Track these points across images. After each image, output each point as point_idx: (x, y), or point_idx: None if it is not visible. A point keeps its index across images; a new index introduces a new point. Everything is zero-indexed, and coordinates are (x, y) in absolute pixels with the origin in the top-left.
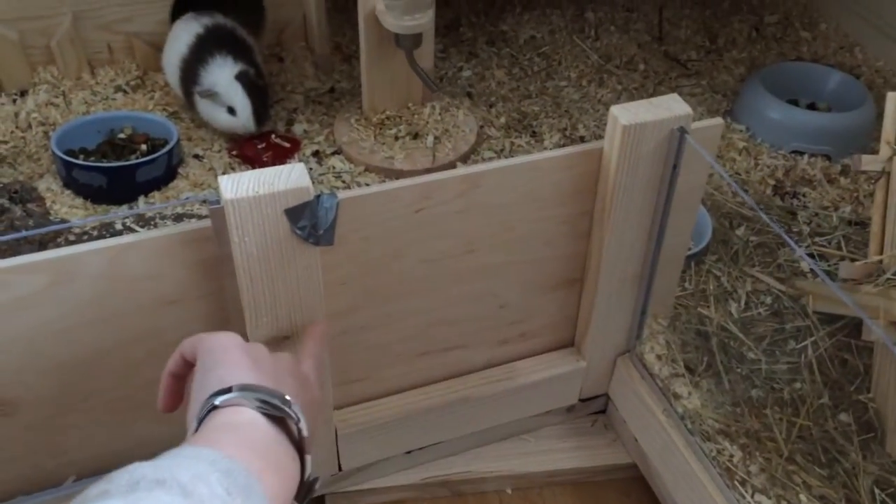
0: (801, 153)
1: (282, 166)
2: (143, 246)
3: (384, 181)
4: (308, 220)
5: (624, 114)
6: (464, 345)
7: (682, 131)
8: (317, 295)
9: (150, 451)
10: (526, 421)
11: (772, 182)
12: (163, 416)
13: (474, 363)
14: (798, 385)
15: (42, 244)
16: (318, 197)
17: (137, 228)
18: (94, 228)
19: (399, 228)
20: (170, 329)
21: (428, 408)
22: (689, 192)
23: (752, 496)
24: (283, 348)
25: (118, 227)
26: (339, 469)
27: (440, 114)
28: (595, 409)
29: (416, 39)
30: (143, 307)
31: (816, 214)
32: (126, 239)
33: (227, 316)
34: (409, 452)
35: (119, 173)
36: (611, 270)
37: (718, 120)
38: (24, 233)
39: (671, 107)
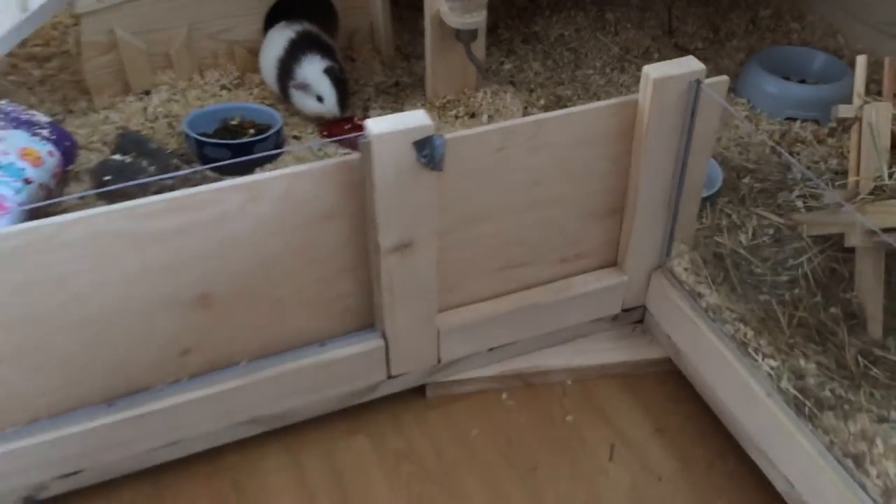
0: (794, 119)
1: (409, 111)
2: (313, 173)
3: None
4: (428, 150)
5: (654, 70)
6: (532, 262)
7: (698, 83)
8: (431, 211)
9: (299, 342)
10: (580, 327)
11: (770, 143)
12: (312, 313)
13: (540, 277)
14: (796, 291)
15: None
16: (433, 135)
17: None
18: None
19: (486, 164)
20: (324, 240)
21: (506, 312)
22: (704, 136)
23: (763, 360)
24: (405, 255)
25: None
26: (438, 361)
27: (491, 97)
28: (635, 318)
29: (473, 34)
30: (308, 222)
31: (808, 167)
32: (301, 168)
33: (365, 229)
34: (490, 350)
35: (241, 149)
36: (645, 199)
37: (724, 77)
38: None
39: (689, 64)
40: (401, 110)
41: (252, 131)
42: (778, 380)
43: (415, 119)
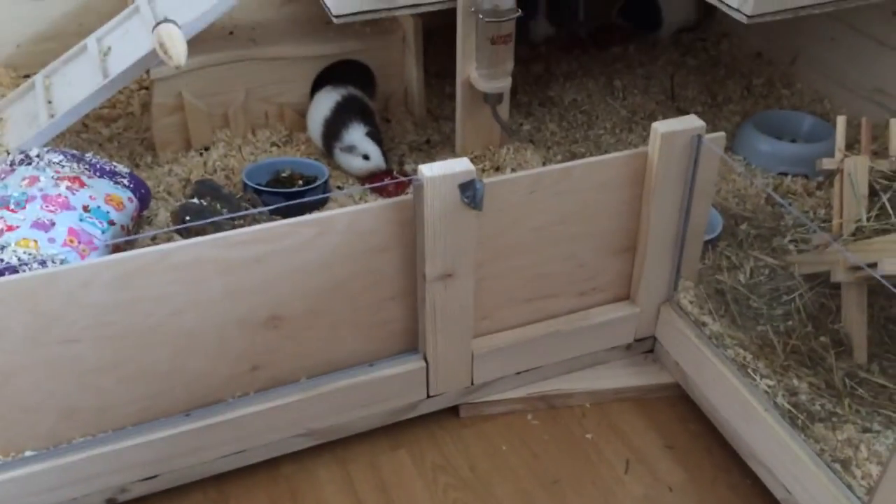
0: (786, 174)
1: (453, 160)
2: (372, 210)
3: None
4: (471, 192)
5: (661, 126)
6: (555, 294)
7: (699, 137)
8: (472, 245)
9: (351, 361)
10: (597, 355)
11: (764, 195)
12: (364, 335)
13: (562, 308)
14: (790, 322)
15: None
16: (475, 179)
17: None
18: None
19: (518, 204)
20: (379, 270)
21: (532, 339)
22: (704, 184)
23: (761, 380)
24: (448, 284)
25: None
26: (472, 383)
27: (514, 153)
28: (646, 348)
29: (499, 98)
30: (366, 253)
31: (798, 217)
32: (362, 206)
33: (414, 260)
34: (518, 373)
35: (293, 196)
36: (654, 239)
37: (722, 133)
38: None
39: (691, 122)
40: None
41: (301, 182)
42: (774, 396)
43: (460, 165)
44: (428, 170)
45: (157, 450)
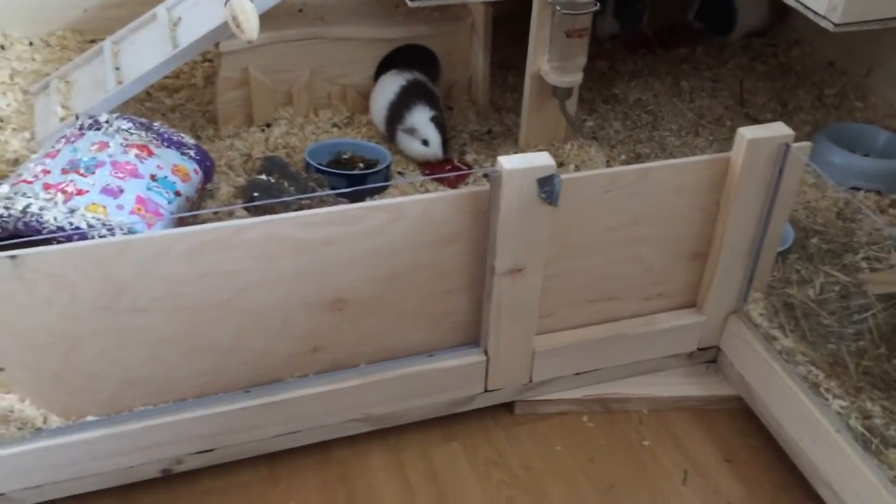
0: (858, 189)
1: (532, 153)
2: (445, 199)
3: None
4: (549, 187)
5: (748, 132)
6: (620, 297)
7: (787, 146)
8: (543, 241)
9: (411, 350)
10: (658, 361)
11: (835, 209)
12: (426, 325)
13: (625, 312)
14: (861, 343)
15: None
16: (554, 174)
17: None
18: None
19: (592, 202)
20: (448, 260)
21: (592, 340)
22: (787, 194)
23: (833, 400)
24: (515, 279)
25: None
26: (530, 380)
27: (577, 150)
28: (708, 358)
29: (569, 92)
30: (436, 242)
31: (870, 233)
32: (435, 194)
33: (483, 254)
34: (576, 374)
35: (355, 179)
36: (729, 247)
37: (808, 143)
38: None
39: (779, 129)
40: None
41: (361, 165)
42: (847, 418)
43: (539, 159)
44: (507, 162)
45: (214, 424)
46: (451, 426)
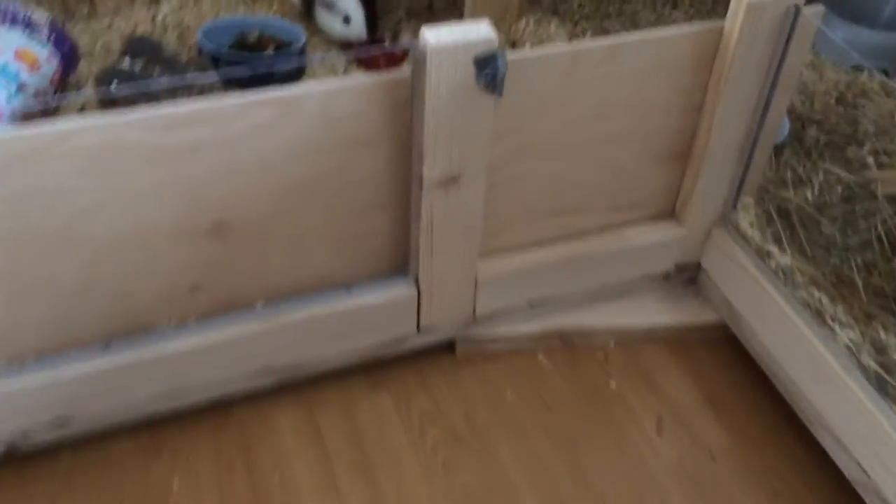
0: (861, 68)
1: (471, 23)
2: (353, 88)
3: None
4: (491, 70)
5: None
6: (583, 208)
7: (797, 9)
8: (485, 141)
9: (322, 284)
10: (628, 284)
11: (835, 93)
12: (339, 252)
13: (589, 226)
14: (869, 255)
15: None
16: (497, 52)
17: None
18: None
19: (549, 91)
20: (359, 168)
21: (550, 262)
22: (791, 72)
23: (841, 331)
24: (451, 190)
25: None
26: (474, 314)
27: (534, 27)
28: (687, 277)
29: None
30: (342, 145)
31: (877, 122)
32: (339, 82)
33: (407, 158)
34: (531, 306)
35: (258, 65)
36: (718, 142)
37: (820, 6)
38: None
39: None
40: None
41: (272, 47)
42: (858, 353)
43: (477, 32)
44: (433, 36)
45: (67, 389)
46: (377, 374)
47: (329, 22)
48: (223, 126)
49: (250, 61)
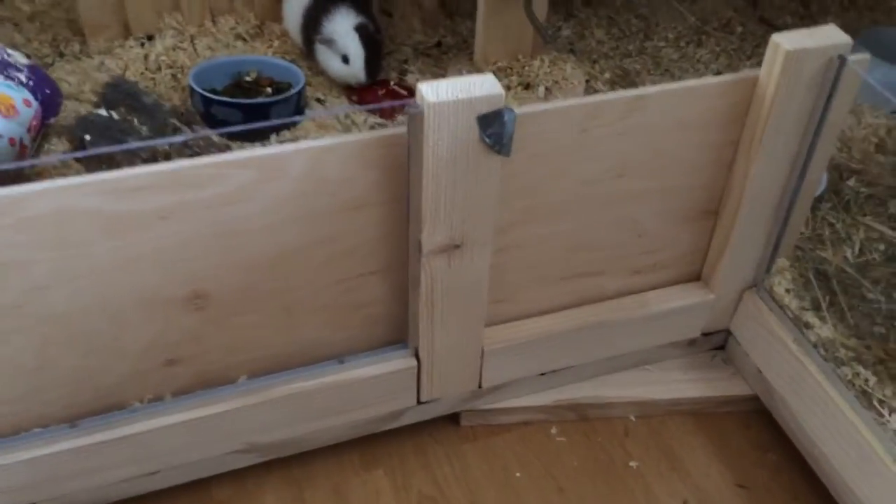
0: None
1: (471, 76)
2: (343, 148)
3: None
4: (496, 128)
5: (787, 40)
6: (601, 272)
7: (843, 59)
8: (491, 205)
9: (313, 356)
10: (650, 352)
11: (874, 140)
12: (331, 322)
13: (607, 291)
14: None
15: None
16: (504, 108)
17: None
18: None
19: (564, 148)
20: (352, 234)
21: (564, 331)
22: (832, 127)
23: (890, 415)
24: (453, 258)
25: None
26: (479, 386)
27: (549, 66)
28: (715, 344)
29: None
30: (333, 210)
31: None
32: (328, 141)
33: (405, 222)
34: (542, 375)
35: (255, 110)
36: (751, 200)
37: (866, 54)
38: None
39: (831, 35)
40: (443, 76)
41: (269, 90)
42: None
43: (481, 86)
44: (431, 91)
45: (29, 472)
46: (373, 448)
47: (328, 61)
48: (195, 190)
49: (244, 106)
